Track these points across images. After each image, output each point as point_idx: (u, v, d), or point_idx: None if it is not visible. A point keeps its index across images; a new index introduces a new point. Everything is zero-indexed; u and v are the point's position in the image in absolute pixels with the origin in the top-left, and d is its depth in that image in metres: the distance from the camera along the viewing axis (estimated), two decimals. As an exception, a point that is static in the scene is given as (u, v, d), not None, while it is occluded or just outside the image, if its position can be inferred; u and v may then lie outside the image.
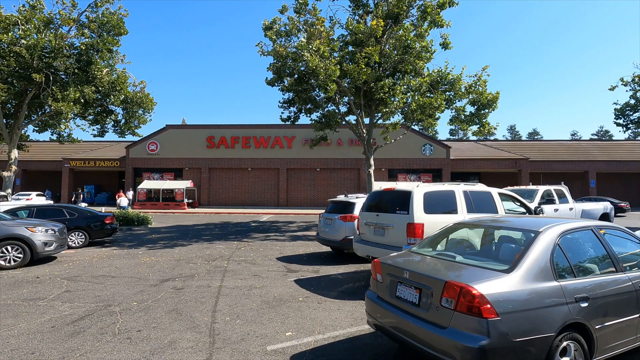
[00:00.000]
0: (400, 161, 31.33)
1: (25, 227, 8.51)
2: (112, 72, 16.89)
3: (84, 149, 34.57)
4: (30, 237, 8.37)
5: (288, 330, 4.58)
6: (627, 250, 3.93)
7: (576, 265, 3.36)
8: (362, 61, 13.47)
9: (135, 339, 4.26)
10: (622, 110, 19.89)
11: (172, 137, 32.39)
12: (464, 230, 4.39)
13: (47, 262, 8.88)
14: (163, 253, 10.07)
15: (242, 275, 7.47)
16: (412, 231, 6.09)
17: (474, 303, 2.77)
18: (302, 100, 15.52)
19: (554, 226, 3.49)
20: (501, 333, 2.72)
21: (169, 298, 5.90)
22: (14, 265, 8.18)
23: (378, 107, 15.79)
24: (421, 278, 3.30)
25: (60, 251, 9.16)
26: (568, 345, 2.98)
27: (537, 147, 37.65)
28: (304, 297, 5.99)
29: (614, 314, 3.28)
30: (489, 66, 15.46)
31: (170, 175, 32.62)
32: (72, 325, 4.72)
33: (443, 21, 14.59)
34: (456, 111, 15.84)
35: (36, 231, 8.53)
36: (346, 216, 8.97)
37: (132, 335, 4.39)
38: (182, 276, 7.40)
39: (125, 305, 5.55)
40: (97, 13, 15.76)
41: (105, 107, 17.80)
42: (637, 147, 37.00)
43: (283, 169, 31.70)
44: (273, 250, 10.67)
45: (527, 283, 2.98)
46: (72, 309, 5.37)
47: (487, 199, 6.90)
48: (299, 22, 14.64)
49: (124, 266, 8.37)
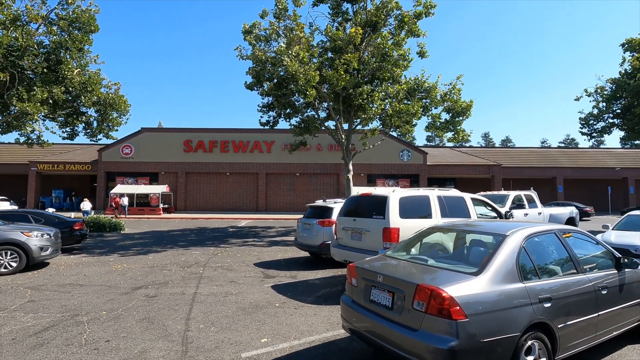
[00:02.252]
0: (378, 166, 31.76)
1: (20, 232, 8.24)
2: (84, 72, 16.31)
3: (53, 151, 33.13)
4: (26, 242, 8.13)
5: (264, 336, 4.53)
6: (588, 253, 4.15)
7: (540, 267, 3.52)
8: (341, 68, 13.64)
9: (103, 350, 4.11)
10: (586, 119, 20.95)
11: (148, 140, 31.55)
12: (437, 235, 4.50)
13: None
14: (136, 260, 9.76)
15: (218, 282, 7.34)
16: (388, 235, 6.18)
17: (443, 305, 2.85)
18: (282, 104, 15.51)
19: (520, 230, 3.64)
20: (470, 334, 2.80)
21: (140, 306, 5.72)
22: (10, 271, 7.90)
23: (357, 113, 15.99)
24: (394, 281, 3.36)
25: (55, 256, 8.93)
26: (533, 345, 3.10)
27: (509, 154, 39.15)
28: (281, 303, 5.95)
29: (575, 313, 3.44)
30: (463, 75, 16.01)
31: (145, 180, 31.71)
32: (35, 336, 4.49)
33: (419, 31, 15.01)
34: (432, 118, 16.26)
35: (32, 236, 8.30)
36: (324, 221, 8.99)
37: (100, 345, 4.23)
38: (156, 283, 7.19)
39: (93, 314, 5.34)
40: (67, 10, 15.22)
41: (77, 109, 17.11)
42: (601, 155, 39.13)
43: (262, 173, 31.48)
44: (251, 256, 10.55)
45: (495, 285, 3.09)
46: (36, 319, 5.11)
47: (460, 204, 7.10)
48: (278, 27, 14.67)
49: (93, 274, 8.05)
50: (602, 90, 20.16)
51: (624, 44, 19.20)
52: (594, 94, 20.45)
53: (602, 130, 20.51)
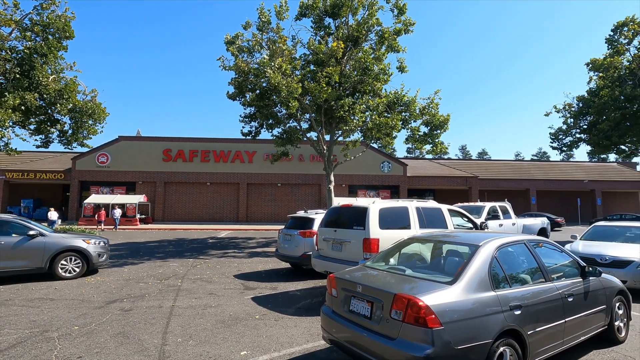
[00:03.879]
0: (360, 177, 32.11)
1: (82, 240, 8.91)
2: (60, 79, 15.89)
3: (22, 159, 31.78)
4: (87, 249, 8.77)
5: (243, 349, 4.49)
6: (555, 262, 4.37)
7: (511, 276, 3.68)
8: (323, 80, 13.87)
9: (74, 366, 3.96)
10: (556, 134, 22.03)
11: (125, 149, 30.78)
12: (415, 245, 4.63)
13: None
14: (110, 272, 9.44)
15: (196, 294, 7.20)
16: (368, 246, 6.28)
17: (420, 314, 2.94)
18: (264, 115, 15.56)
19: (492, 240, 3.81)
20: (444, 342, 2.90)
21: (115, 321, 5.55)
22: (73, 276, 8.56)
23: (338, 124, 16.22)
24: (373, 291, 3.43)
25: (106, 263, 9.53)
26: (504, 351, 3.23)
27: (485, 166, 40.44)
28: (261, 315, 5.90)
29: (543, 320, 3.61)
30: (440, 90, 16.56)
31: (121, 189, 30.80)
32: (0, 355, 4.28)
33: (399, 47, 15.50)
34: (411, 131, 16.68)
35: (91, 243, 8.94)
36: (305, 232, 9.02)
37: (71, 362, 4.08)
38: (131, 297, 6.99)
39: (64, 330, 5.14)
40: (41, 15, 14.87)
41: (50, 116, 16.60)
42: (570, 168, 41.01)
43: (243, 183, 31.20)
44: (231, 267, 10.41)
45: (468, 293, 3.21)
46: (1, 336, 4.87)
47: (437, 215, 7.31)
48: (261, 39, 14.82)
49: (64, 287, 7.74)
50: (570, 107, 21.30)
51: (588, 64, 20.44)
52: (563, 110, 21.58)
53: (570, 144, 21.59)
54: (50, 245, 8.43)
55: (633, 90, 17.63)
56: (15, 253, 8.09)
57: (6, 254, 8.00)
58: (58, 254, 8.47)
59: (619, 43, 19.66)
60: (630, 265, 7.15)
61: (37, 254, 8.26)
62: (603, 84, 19.53)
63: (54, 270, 8.40)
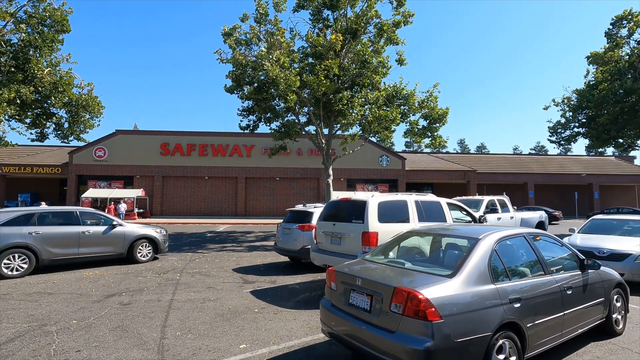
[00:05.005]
0: (358, 171, 32.07)
1: (152, 229, 10.32)
2: (56, 72, 15.72)
3: (19, 153, 31.61)
4: (156, 237, 10.23)
5: (242, 342, 4.49)
6: (554, 255, 4.36)
7: (510, 269, 3.67)
8: (322, 73, 13.76)
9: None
10: (554, 128, 22.01)
11: (123, 143, 30.60)
12: (414, 238, 4.61)
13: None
14: (108, 267, 9.42)
15: (195, 288, 7.20)
16: (367, 240, 6.27)
17: (420, 307, 2.93)
18: (262, 109, 15.46)
19: (492, 233, 3.80)
20: (444, 335, 2.89)
21: (114, 314, 5.54)
22: (147, 259, 10.08)
23: (337, 118, 16.15)
24: (372, 285, 3.42)
25: (166, 249, 10.89)
26: (503, 343, 3.23)
27: (484, 160, 40.46)
28: (260, 309, 5.91)
29: (543, 313, 3.61)
30: (439, 83, 16.49)
31: (119, 184, 30.70)
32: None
33: (398, 39, 15.37)
34: (410, 124, 16.63)
35: (158, 232, 10.38)
36: (304, 225, 9.01)
37: (70, 356, 4.07)
38: (130, 290, 6.98)
39: (63, 324, 5.12)
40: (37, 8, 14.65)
41: (46, 110, 16.46)
42: (568, 162, 41.09)
43: (242, 177, 31.13)
44: (229, 261, 10.41)
45: (468, 286, 3.20)
46: (0, 330, 4.85)
47: (436, 208, 7.29)
48: (259, 32, 14.67)
49: (63, 281, 7.72)
50: (568, 101, 21.25)
51: (589, 57, 20.36)
52: (561, 104, 21.53)
53: (569, 138, 21.59)
54: (129, 233, 9.84)
55: (633, 84, 17.58)
56: (104, 240, 9.44)
57: (97, 241, 9.35)
58: (135, 241, 9.87)
59: (618, 36, 19.57)
60: (628, 258, 7.18)
61: (119, 241, 9.67)
62: (602, 77, 19.48)
63: (132, 254, 9.83)
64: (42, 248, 8.49)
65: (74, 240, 8.98)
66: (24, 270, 8.24)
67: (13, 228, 8.38)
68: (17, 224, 8.46)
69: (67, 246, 8.88)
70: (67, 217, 9.20)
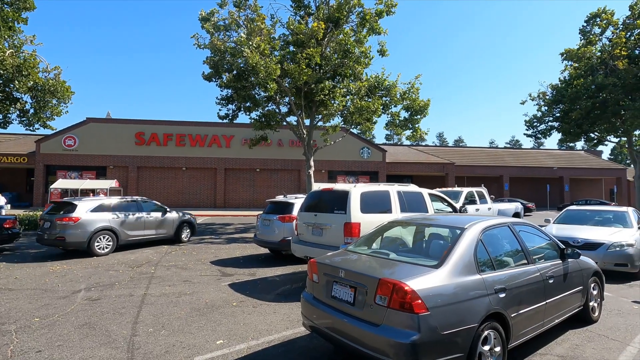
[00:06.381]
0: (339, 163, 32.01)
1: (188, 215, 12.33)
2: (19, 54, 14.66)
3: (-20, 141, 29.68)
4: (193, 222, 12.36)
5: (219, 338, 4.28)
6: (536, 244, 4.36)
7: (495, 259, 3.62)
8: (303, 62, 13.44)
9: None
10: (530, 121, 22.58)
11: (95, 131, 29.23)
12: (397, 229, 4.51)
13: None
14: (77, 260, 8.94)
15: (170, 282, 6.90)
16: (349, 230, 6.15)
17: (406, 299, 2.81)
18: (242, 97, 14.97)
19: (477, 223, 3.73)
20: (431, 327, 2.79)
21: (80, 311, 5.20)
22: (188, 240, 12.13)
23: (318, 108, 15.89)
24: (356, 276, 3.28)
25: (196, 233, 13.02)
26: (489, 334, 3.17)
27: (462, 153, 41.28)
28: (238, 302, 5.70)
29: (526, 302, 3.59)
30: (421, 75, 16.49)
31: (91, 174, 29.39)
32: (-53, 351, 3.89)
33: (380, 29, 15.19)
34: (392, 116, 16.59)
35: (192, 217, 12.42)
36: (285, 217, 8.81)
37: (29, 357, 3.75)
38: (100, 285, 6.61)
39: (23, 322, 4.75)
40: None
41: (9, 94, 15.37)
42: (541, 156, 42.53)
43: (221, 168, 30.45)
44: (207, 253, 10.10)
45: (454, 277, 3.11)
46: (-50, 330, 4.44)
47: (418, 199, 7.25)
48: (239, 17, 14.13)
49: (26, 277, 7.24)
50: (544, 96, 21.80)
51: (563, 54, 20.88)
52: (537, 99, 22.08)
53: (544, 132, 22.21)
54: (176, 219, 11.71)
55: (604, 80, 18.17)
56: (160, 224, 11.20)
57: (157, 225, 11.08)
58: (179, 225, 11.72)
59: (591, 34, 20.14)
60: (600, 247, 7.40)
61: (170, 225, 11.51)
62: (576, 73, 20.05)
63: (179, 236, 11.74)
64: (121, 230, 10.06)
65: (140, 224, 10.62)
66: (109, 249, 9.73)
67: (99, 214, 9.75)
68: (100, 210, 9.86)
69: (137, 229, 10.52)
70: (133, 205, 10.71)
